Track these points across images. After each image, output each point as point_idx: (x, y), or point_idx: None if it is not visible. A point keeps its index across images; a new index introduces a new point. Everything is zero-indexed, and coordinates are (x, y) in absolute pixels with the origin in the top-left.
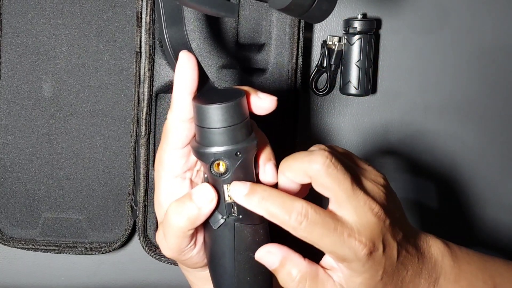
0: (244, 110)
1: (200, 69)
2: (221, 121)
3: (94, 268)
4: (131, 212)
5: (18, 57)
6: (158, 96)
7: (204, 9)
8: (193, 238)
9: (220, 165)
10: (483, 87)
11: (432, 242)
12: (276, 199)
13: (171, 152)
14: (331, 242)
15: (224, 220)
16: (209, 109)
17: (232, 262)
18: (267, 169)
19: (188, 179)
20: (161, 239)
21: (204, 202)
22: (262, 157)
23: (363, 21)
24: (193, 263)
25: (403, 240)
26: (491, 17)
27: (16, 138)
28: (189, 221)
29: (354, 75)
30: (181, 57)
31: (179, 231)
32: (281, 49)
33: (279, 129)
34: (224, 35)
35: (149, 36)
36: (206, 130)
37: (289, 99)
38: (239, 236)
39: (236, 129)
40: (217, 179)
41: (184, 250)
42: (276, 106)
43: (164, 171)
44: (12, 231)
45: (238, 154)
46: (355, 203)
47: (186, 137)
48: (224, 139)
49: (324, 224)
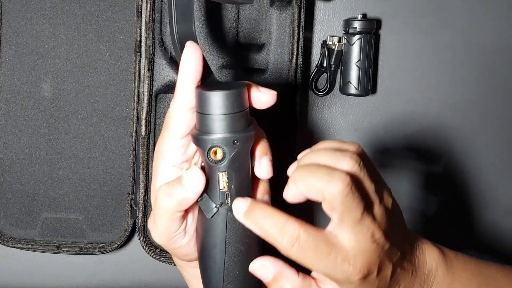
0: (244, 100)
1: (204, 61)
2: (221, 107)
3: (93, 268)
4: (130, 212)
5: (17, 57)
6: (158, 96)
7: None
8: (182, 222)
9: (217, 153)
10: (483, 87)
11: (428, 251)
12: (271, 219)
13: (171, 141)
14: (324, 266)
15: (217, 209)
16: (210, 95)
17: (223, 253)
18: (262, 163)
19: (185, 170)
20: (152, 224)
21: (192, 184)
22: (258, 150)
23: (363, 21)
24: (184, 254)
25: (399, 259)
26: (491, 17)
27: (16, 138)
28: (176, 201)
29: (354, 75)
30: (187, 47)
31: (167, 213)
32: (281, 49)
33: (279, 129)
34: (224, 35)
35: (149, 36)
36: (206, 117)
37: (289, 99)
38: (231, 227)
39: (235, 118)
40: (213, 166)
41: (173, 235)
42: (276, 100)
43: (163, 160)
44: (11, 231)
45: (236, 142)
46: (358, 230)
47: (186, 127)
48: (223, 126)
49: (317, 248)
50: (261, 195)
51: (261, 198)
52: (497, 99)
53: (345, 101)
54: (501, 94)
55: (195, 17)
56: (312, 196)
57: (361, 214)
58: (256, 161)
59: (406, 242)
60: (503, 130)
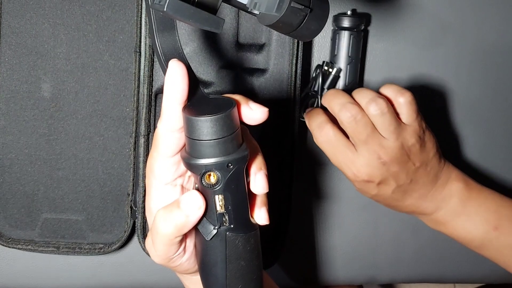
0: (234, 121)
1: (190, 77)
2: (211, 133)
3: (93, 269)
4: (130, 213)
5: (17, 57)
6: (158, 97)
7: (188, 22)
8: (181, 245)
9: (211, 176)
10: (484, 87)
11: (451, 182)
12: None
13: (161, 161)
14: (338, 161)
15: (216, 230)
16: (199, 121)
17: (224, 271)
18: (257, 179)
19: (179, 186)
20: (150, 246)
21: (192, 210)
22: (253, 166)
23: (352, 17)
24: (184, 270)
25: (409, 185)
26: (491, 16)
27: (15, 139)
28: (176, 228)
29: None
30: (171, 66)
31: (166, 239)
32: (281, 49)
33: (278, 129)
34: (224, 35)
35: (148, 36)
36: (196, 142)
37: (289, 99)
38: (231, 246)
39: (227, 141)
40: (208, 190)
41: (172, 257)
42: (267, 117)
43: (155, 179)
44: (11, 232)
45: (230, 165)
46: (365, 149)
47: (176, 146)
48: (215, 151)
49: (338, 147)
50: (258, 208)
51: (259, 211)
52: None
53: None
54: (501, 94)
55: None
56: (332, 114)
57: (366, 137)
58: (252, 177)
59: (430, 170)
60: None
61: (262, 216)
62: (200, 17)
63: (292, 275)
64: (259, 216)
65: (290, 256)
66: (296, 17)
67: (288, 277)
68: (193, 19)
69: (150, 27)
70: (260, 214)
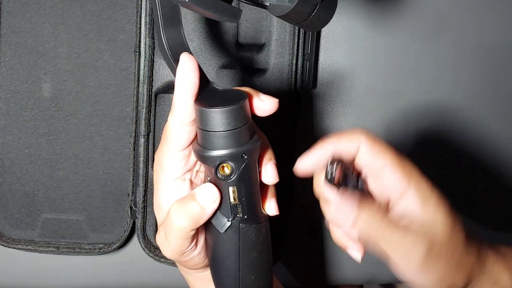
0: (247, 112)
1: (201, 71)
2: (226, 124)
3: (93, 269)
4: (130, 213)
5: (17, 57)
6: (158, 97)
7: (208, 13)
8: (194, 239)
9: (226, 168)
10: (484, 87)
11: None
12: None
13: (172, 155)
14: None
15: (230, 222)
16: (214, 113)
17: (237, 263)
18: (268, 169)
19: (188, 180)
20: (163, 241)
21: (208, 202)
22: (263, 157)
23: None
24: (194, 264)
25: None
26: (492, 15)
27: (15, 138)
28: (191, 221)
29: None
30: (182, 59)
31: (181, 232)
32: (281, 49)
33: (279, 129)
34: (224, 35)
35: (148, 36)
36: (210, 134)
37: (290, 99)
38: (244, 237)
39: (241, 132)
40: (222, 181)
41: (185, 251)
42: (278, 107)
43: (164, 174)
44: (11, 232)
45: (244, 156)
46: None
47: (187, 139)
48: (230, 142)
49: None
50: (268, 199)
51: (269, 201)
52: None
53: (345, 101)
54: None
55: (194, 17)
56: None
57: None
58: (263, 168)
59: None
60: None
61: (272, 207)
62: (219, 8)
63: (292, 275)
64: (269, 206)
65: (290, 256)
66: (308, 6)
67: (288, 277)
68: (213, 9)
69: (156, 23)
70: (270, 205)
